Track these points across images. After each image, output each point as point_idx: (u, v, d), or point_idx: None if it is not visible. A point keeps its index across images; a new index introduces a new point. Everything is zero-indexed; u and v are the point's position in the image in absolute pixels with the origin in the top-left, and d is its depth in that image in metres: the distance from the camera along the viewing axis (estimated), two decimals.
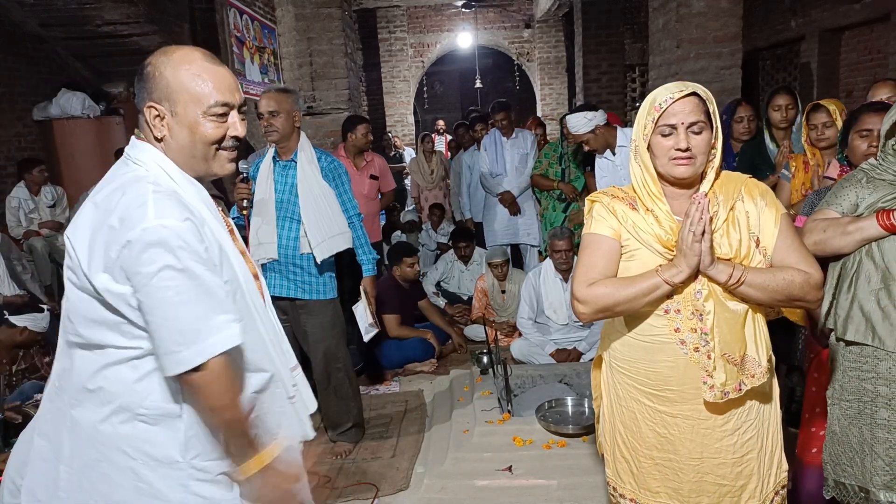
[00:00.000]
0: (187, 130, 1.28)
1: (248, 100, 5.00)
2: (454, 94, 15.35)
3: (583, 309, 1.59)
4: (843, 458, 1.91)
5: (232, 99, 1.30)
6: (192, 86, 1.26)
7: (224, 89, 1.29)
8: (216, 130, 1.29)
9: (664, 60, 4.66)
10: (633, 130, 1.61)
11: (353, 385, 3.29)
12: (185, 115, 1.27)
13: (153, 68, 1.27)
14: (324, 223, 2.97)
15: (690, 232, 1.46)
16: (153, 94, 1.27)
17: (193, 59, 1.28)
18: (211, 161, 1.32)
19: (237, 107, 1.32)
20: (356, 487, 2.88)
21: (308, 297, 3.05)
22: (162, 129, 1.28)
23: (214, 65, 1.30)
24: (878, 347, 1.79)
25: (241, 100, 1.33)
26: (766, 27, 7.72)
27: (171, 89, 1.26)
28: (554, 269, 4.11)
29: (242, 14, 8.08)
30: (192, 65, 1.27)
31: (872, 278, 1.80)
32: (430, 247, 6.65)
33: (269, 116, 2.91)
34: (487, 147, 5.26)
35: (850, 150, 2.30)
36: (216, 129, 1.29)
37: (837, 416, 1.92)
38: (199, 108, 1.27)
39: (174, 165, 1.30)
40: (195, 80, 1.26)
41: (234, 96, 1.31)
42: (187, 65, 1.27)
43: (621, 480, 1.75)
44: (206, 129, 1.28)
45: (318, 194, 2.98)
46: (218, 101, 1.28)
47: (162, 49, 1.30)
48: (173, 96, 1.26)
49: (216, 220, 1.32)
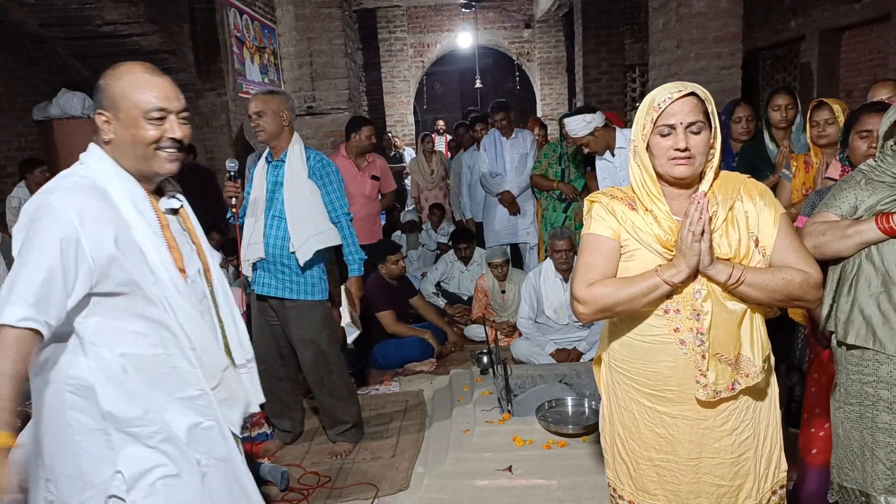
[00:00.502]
0: (128, 132, 1.47)
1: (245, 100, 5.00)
2: (454, 94, 15.35)
3: (582, 309, 1.59)
4: (846, 461, 1.90)
5: (169, 105, 1.49)
6: (131, 93, 1.46)
7: (161, 97, 1.48)
8: (153, 132, 1.48)
9: (664, 60, 4.66)
10: (632, 131, 1.60)
11: (349, 386, 3.29)
12: (127, 118, 1.46)
13: (103, 81, 1.48)
14: (306, 223, 2.97)
15: (690, 232, 1.46)
16: (102, 103, 1.48)
17: (134, 71, 1.48)
18: (151, 160, 1.50)
19: (176, 112, 1.50)
20: (356, 487, 2.88)
21: (296, 297, 3.04)
22: (109, 133, 1.48)
23: (153, 76, 1.49)
24: (878, 351, 1.78)
25: (179, 106, 1.51)
26: (766, 27, 7.72)
27: (116, 98, 1.46)
28: (554, 269, 4.11)
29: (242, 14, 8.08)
30: (132, 76, 1.47)
31: (872, 282, 1.80)
32: (430, 247, 6.65)
33: (255, 117, 2.96)
34: (487, 147, 5.27)
35: (851, 151, 2.30)
36: (153, 131, 1.48)
37: (841, 420, 1.91)
38: (138, 112, 1.46)
39: (113, 166, 1.49)
40: (134, 88, 1.46)
41: (172, 103, 1.49)
42: (128, 76, 1.47)
43: (620, 482, 1.75)
44: (144, 130, 1.47)
45: (301, 194, 2.98)
46: (155, 106, 1.47)
47: (111, 67, 1.50)
48: (117, 103, 1.46)
49: (139, 215, 1.48)
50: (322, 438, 3.36)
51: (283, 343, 3.19)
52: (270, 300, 3.10)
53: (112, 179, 1.48)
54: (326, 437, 3.33)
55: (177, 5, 6.57)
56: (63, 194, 1.40)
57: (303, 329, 3.08)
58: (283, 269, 3.02)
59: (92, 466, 1.45)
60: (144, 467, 1.46)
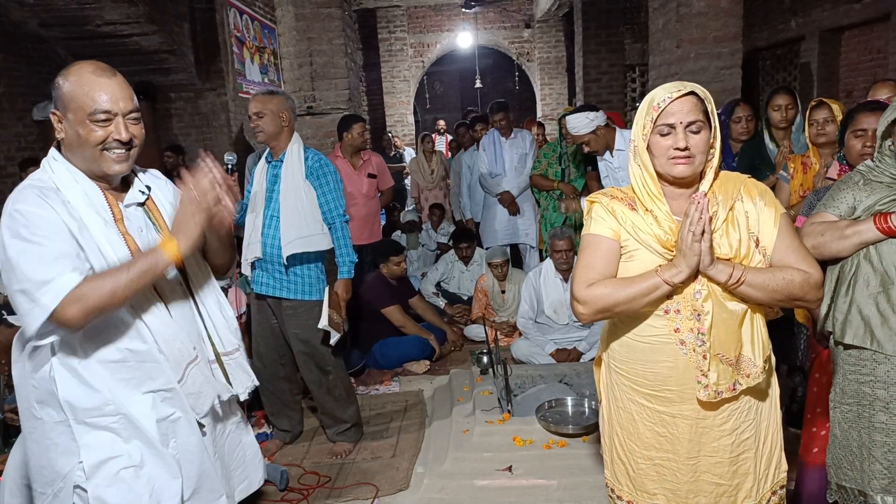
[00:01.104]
0: (76, 133, 1.48)
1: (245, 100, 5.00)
2: (454, 94, 15.34)
3: (582, 309, 1.59)
4: (844, 461, 1.90)
5: (114, 107, 1.48)
6: (78, 94, 1.45)
7: (107, 98, 1.47)
8: (98, 133, 1.47)
9: (664, 60, 4.66)
10: (632, 130, 1.60)
11: (346, 386, 3.28)
12: (74, 119, 1.47)
13: (57, 80, 1.48)
14: (298, 222, 2.96)
15: (690, 232, 1.46)
16: (56, 104, 1.49)
17: (82, 71, 1.47)
18: (99, 161, 1.50)
19: (123, 114, 1.49)
20: (356, 487, 2.88)
21: (293, 296, 3.04)
22: (61, 132, 1.51)
23: (101, 77, 1.48)
24: (876, 351, 1.79)
25: (127, 108, 1.50)
26: (766, 27, 7.72)
27: (65, 98, 1.46)
28: (554, 269, 4.11)
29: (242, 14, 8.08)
30: (80, 76, 1.47)
31: (871, 282, 1.80)
32: (430, 247, 6.65)
33: (255, 118, 2.96)
34: (486, 147, 5.27)
35: (847, 150, 2.30)
36: (99, 132, 1.47)
37: (838, 420, 1.91)
38: (83, 113, 1.46)
39: (65, 165, 1.52)
40: (81, 89, 1.46)
41: (118, 105, 1.48)
42: (76, 76, 1.47)
43: (618, 482, 1.75)
44: (89, 132, 1.47)
45: (295, 194, 2.98)
46: (99, 108, 1.46)
47: (67, 67, 1.50)
48: (66, 104, 1.47)
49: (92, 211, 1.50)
50: (322, 438, 3.36)
51: (281, 342, 3.19)
52: (268, 299, 3.10)
53: (65, 178, 1.50)
54: (326, 437, 3.32)
55: (177, 5, 6.57)
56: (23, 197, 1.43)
57: (299, 328, 3.08)
58: (280, 268, 3.02)
59: (59, 457, 1.49)
60: (104, 456, 1.48)
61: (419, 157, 7.16)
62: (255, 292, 3.12)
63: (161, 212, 1.68)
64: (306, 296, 3.05)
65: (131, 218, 1.60)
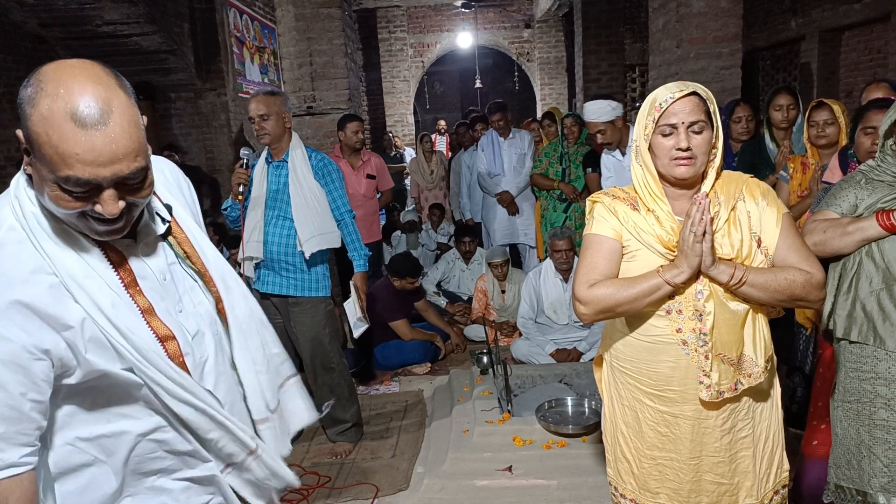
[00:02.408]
0: (42, 184, 0.96)
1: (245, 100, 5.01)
2: (454, 94, 15.35)
3: (584, 310, 1.59)
4: (843, 460, 1.91)
5: (97, 175, 0.93)
6: (43, 143, 0.92)
7: (87, 162, 0.92)
8: (68, 205, 0.95)
9: (664, 60, 4.66)
10: (634, 131, 1.60)
11: (349, 385, 3.29)
12: (41, 170, 0.95)
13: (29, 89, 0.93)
14: (314, 220, 3.00)
15: (691, 233, 1.45)
16: (22, 122, 0.95)
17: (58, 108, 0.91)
18: (78, 223, 0.99)
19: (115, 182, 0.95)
20: (356, 487, 2.88)
21: (300, 293, 3.07)
22: (28, 167, 0.99)
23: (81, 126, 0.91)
24: (878, 348, 1.79)
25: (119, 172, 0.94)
26: (766, 27, 7.72)
27: (29, 133, 0.94)
28: (554, 269, 4.11)
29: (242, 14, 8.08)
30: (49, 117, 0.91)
31: (873, 279, 1.80)
32: (430, 247, 6.65)
33: (259, 120, 2.94)
34: (485, 147, 5.27)
35: (856, 147, 2.31)
36: (68, 204, 0.95)
37: (840, 418, 1.91)
38: (51, 174, 0.93)
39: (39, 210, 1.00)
40: (48, 138, 0.91)
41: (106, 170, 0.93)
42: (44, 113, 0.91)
43: (622, 480, 1.75)
44: (54, 197, 0.95)
45: (308, 193, 3.00)
46: (70, 177, 0.92)
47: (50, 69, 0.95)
48: (32, 142, 0.94)
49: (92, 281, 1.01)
50: (322, 438, 3.36)
51: (283, 342, 3.19)
52: (273, 298, 3.11)
53: (46, 231, 0.99)
54: (326, 437, 3.32)
55: (177, 5, 6.57)
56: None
57: (306, 326, 3.09)
58: (287, 267, 3.04)
59: None
60: None
61: (419, 158, 7.16)
62: (259, 291, 3.12)
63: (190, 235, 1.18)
64: (313, 292, 3.08)
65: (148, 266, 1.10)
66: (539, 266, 4.35)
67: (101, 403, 1.05)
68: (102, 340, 1.00)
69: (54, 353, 0.96)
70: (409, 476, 2.94)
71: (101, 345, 1.00)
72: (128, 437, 1.08)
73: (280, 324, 3.17)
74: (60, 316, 0.97)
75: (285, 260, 3.02)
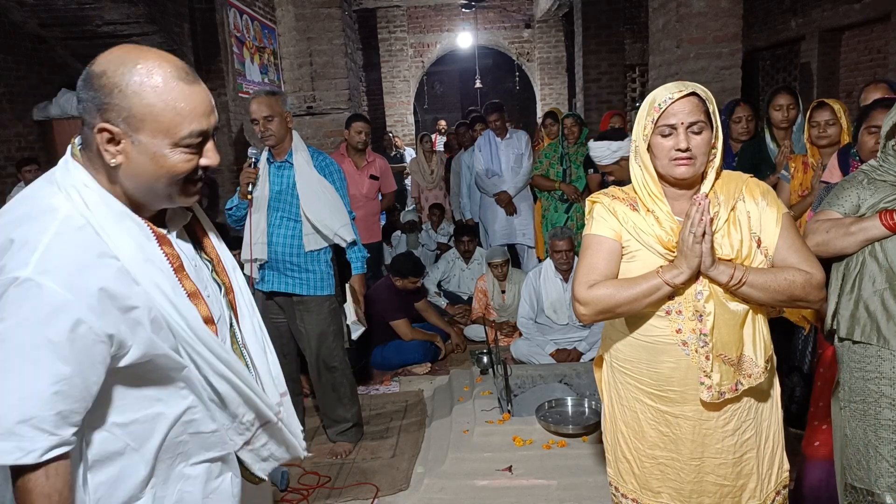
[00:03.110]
0: (151, 162, 1.04)
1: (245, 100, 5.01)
2: (454, 94, 15.36)
3: (584, 310, 1.58)
4: (853, 461, 1.91)
5: (208, 125, 1.07)
6: (161, 111, 1.02)
7: (200, 114, 1.05)
8: (188, 164, 1.06)
9: (664, 60, 4.66)
10: (633, 131, 1.60)
11: (351, 385, 3.29)
12: (151, 145, 1.03)
13: (108, 80, 1.01)
14: (335, 213, 3.02)
15: (691, 233, 1.45)
16: (107, 113, 1.01)
17: (164, 74, 1.02)
18: (175, 195, 1.10)
19: (212, 132, 1.10)
20: (356, 487, 2.88)
21: (306, 292, 3.07)
22: (117, 157, 1.04)
23: (188, 83, 1.05)
24: (882, 347, 1.79)
25: (216, 122, 1.11)
26: (766, 27, 7.72)
27: (133, 112, 1.01)
28: (554, 269, 4.11)
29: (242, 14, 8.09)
30: (162, 83, 1.02)
31: (877, 279, 1.80)
32: (430, 247, 6.65)
33: (265, 122, 2.92)
34: (482, 148, 5.27)
35: (860, 146, 2.30)
36: (188, 163, 1.06)
37: (847, 419, 1.91)
38: (170, 138, 1.04)
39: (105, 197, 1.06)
40: (165, 104, 1.02)
41: (210, 120, 1.08)
42: (152, 80, 1.01)
43: (623, 480, 1.75)
44: (174, 161, 1.05)
45: (320, 189, 3.02)
46: (193, 130, 1.05)
47: (120, 54, 1.03)
48: (135, 122, 1.01)
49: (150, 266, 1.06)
50: (322, 438, 3.36)
51: (286, 341, 3.20)
52: (277, 298, 3.11)
53: (107, 218, 1.04)
54: (326, 437, 3.32)
55: (177, 5, 6.57)
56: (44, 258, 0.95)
57: (312, 323, 3.10)
58: (292, 267, 3.05)
59: None
60: None
61: (419, 158, 7.16)
62: (264, 291, 3.12)
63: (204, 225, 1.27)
64: (319, 291, 3.09)
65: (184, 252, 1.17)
66: (539, 266, 4.35)
67: (138, 387, 1.09)
68: (160, 322, 1.05)
69: (116, 336, 1.01)
70: (409, 476, 2.94)
71: (159, 326, 1.05)
72: (161, 421, 1.11)
73: (283, 323, 3.18)
74: (127, 298, 1.01)
75: (290, 260, 3.03)
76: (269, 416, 1.24)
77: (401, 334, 4.39)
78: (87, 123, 1.05)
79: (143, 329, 1.03)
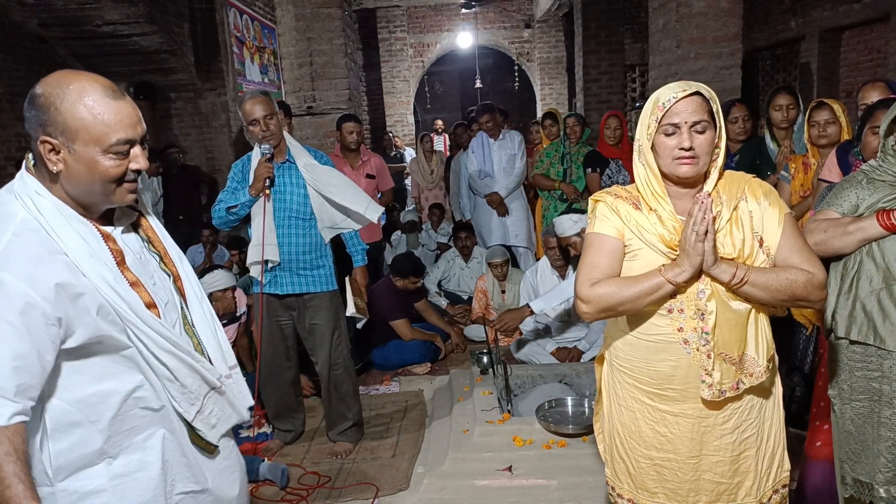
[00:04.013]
0: (86, 168, 1.23)
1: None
2: (454, 94, 15.35)
3: (586, 308, 1.58)
4: (862, 455, 1.91)
5: (133, 134, 1.26)
6: (90, 124, 1.21)
7: (126, 125, 1.24)
8: (118, 168, 1.25)
9: (664, 60, 4.66)
10: (637, 130, 1.60)
11: (353, 384, 3.30)
12: (84, 153, 1.22)
13: (46, 99, 1.21)
14: (358, 195, 3.06)
15: (693, 232, 1.45)
16: (47, 128, 1.21)
17: (92, 92, 1.21)
18: (111, 195, 1.28)
19: (139, 140, 1.28)
20: (356, 487, 2.88)
21: (319, 289, 3.10)
22: (58, 164, 1.23)
23: (114, 99, 1.23)
24: (879, 347, 1.79)
25: (142, 132, 1.28)
26: (766, 27, 7.72)
27: (69, 125, 1.20)
28: (550, 265, 4.12)
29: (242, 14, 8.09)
30: (91, 100, 1.21)
31: (874, 278, 1.81)
32: (430, 247, 6.65)
33: (265, 120, 2.88)
34: (475, 149, 5.28)
35: (863, 146, 2.30)
36: (118, 167, 1.25)
37: (850, 416, 1.92)
38: (99, 146, 1.22)
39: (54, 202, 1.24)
40: (94, 117, 1.21)
41: (136, 130, 1.26)
42: (86, 100, 1.21)
43: (619, 480, 1.75)
44: (106, 166, 1.23)
45: (336, 177, 3.07)
46: (120, 139, 1.23)
47: (56, 77, 1.23)
48: (70, 133, 1.21)
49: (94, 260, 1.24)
50: (322, 438, 3.36)
51: (290, 343, 3.20)
52: (288, 298, 3.11)
53: (56, 220, 1.23)
54: (326, 437, 3.32)
55: (177, 5, 6.58)
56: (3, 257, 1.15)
57: (325, 320, 3.13)
58: (305, 265, 3.06)
59: None
60: None
61: (419, 157, 7.16)
62: (274, 293, 3.10)
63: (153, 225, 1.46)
64: (328, 287, 3.13)
65: (129, 247, 1.36)
66: (535, 263, 4.36)
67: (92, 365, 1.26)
68: (107, 308, 1.24)
69: (64, 319, 1.18)
70: (409, 476, 2.94)
71: (106, 312, 1.24)
72: (114, 396, 1.28)
73: (289, 325, 3.17)
74: (75, 288, 1.19)
75: (299, 259, 3.04)
76: (213, 383, 1.43)
77: (401, 334, 4.40)
78: (32, 137, 1.24)
79: (88, 315, 1.21)
